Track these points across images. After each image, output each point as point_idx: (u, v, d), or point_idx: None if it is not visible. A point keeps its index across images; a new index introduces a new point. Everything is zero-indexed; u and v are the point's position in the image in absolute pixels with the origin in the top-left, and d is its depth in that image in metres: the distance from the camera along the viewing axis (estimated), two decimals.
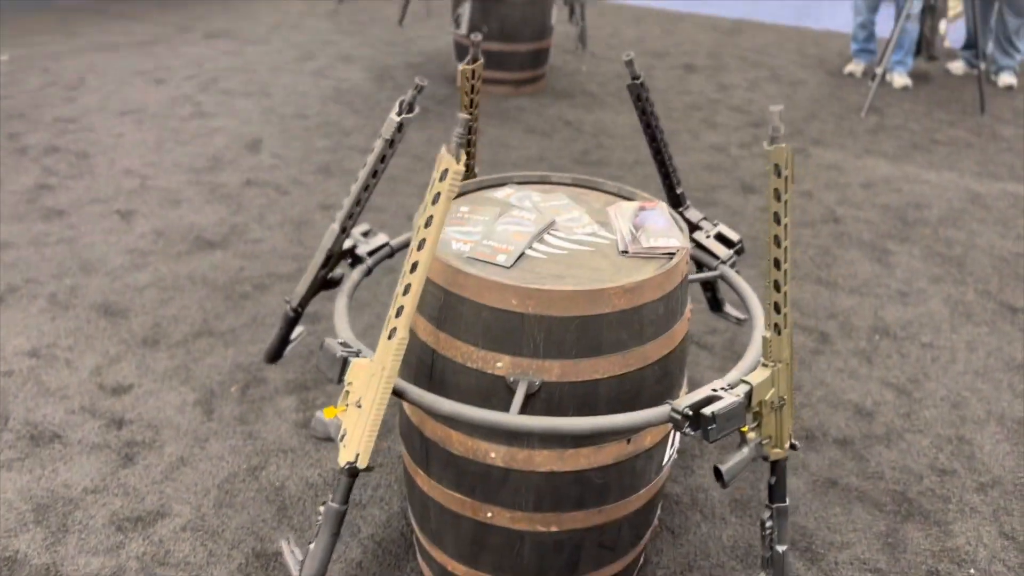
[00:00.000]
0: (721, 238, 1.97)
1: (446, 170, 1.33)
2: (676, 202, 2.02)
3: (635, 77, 1.82)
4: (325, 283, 1.85)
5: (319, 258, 1.79)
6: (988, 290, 3.27)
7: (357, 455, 1.44)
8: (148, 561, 1.98)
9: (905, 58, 5.60)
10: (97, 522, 2.08)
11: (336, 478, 1.49)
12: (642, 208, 1.79)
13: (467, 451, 1.64)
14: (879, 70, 5.20)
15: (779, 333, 1.45)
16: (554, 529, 1.70)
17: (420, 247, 1.37)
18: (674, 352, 1.66)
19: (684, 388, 1.81)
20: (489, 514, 1.69)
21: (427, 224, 1.36)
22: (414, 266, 1.37)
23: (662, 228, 1.70)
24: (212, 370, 2.62)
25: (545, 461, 1.61)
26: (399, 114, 1.60)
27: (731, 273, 1.92)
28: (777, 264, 1.40)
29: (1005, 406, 2.63)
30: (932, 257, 3.50)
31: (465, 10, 4.71)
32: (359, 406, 1.43)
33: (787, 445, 1.54)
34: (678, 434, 1.79)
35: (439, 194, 1.34)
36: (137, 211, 3.57)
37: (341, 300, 1.74)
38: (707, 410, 1.39)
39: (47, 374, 2.56)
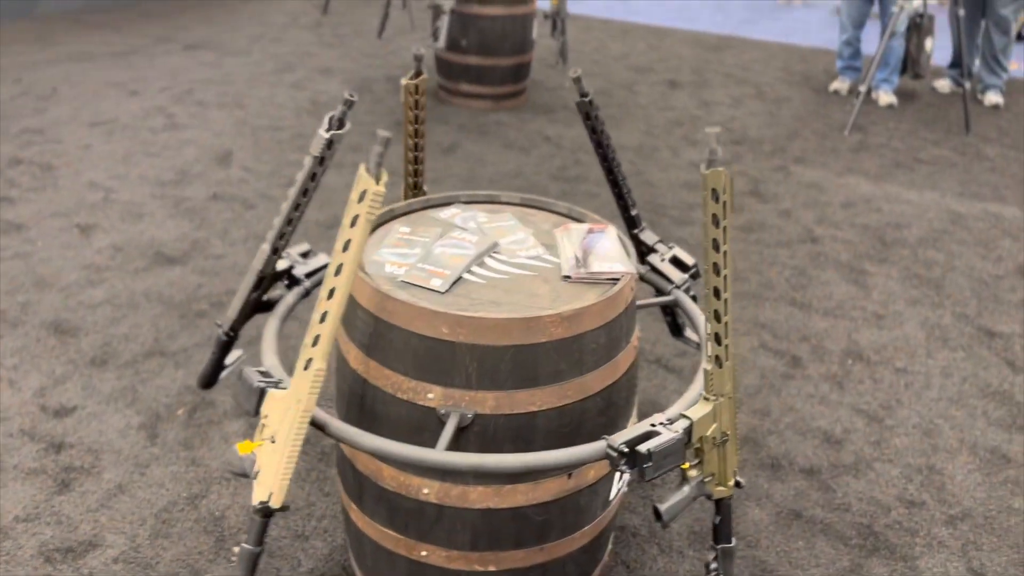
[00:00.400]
0: (676, 262, 1.89)
1: (364, 191, 1.26)
2: (631, 224, 1.94)
3: (583, 95, 1.74)
4: (259, 306, 1.77)
5: (250, 279, 1.71)
6: (966, 313, 3.20)
7: (271, 494, 1.35)
8: None
9: (891, 76, 5.55)
10: (25, 553, 1.98)
11: (250, 518, 1.40)
12: (590, 231, 1.71)
13: (399, 487, 1.56)
14: (863, 88, 5.15)
15: (720, 365, 1.37)
16: (492, 569, 1.61)
17: (338, 272, 1.29)
18: (619, 382, 1.58)
19: (633, 419, 1.73)
20: (424, 552, 1.61)
21: (345, 248, 1.28)
22: (331, 292, 1.29)
23: (608, 252, 1.63)
24: (160, 392, 2.54)
25: (480, 498, 1.53)
26: (328, 130, 1.52)
27: (684, 298, 1.85)
28: (717, 293, 1.32)
29: (978, 434, 2.55)
30: (910, 279, 3.43)
31: (443, 23, 4.65)
32: (273, 441, 1.34)
33: (731, 483, 1.46)
34: None
35: (357, 216, 1.26)
36: (98, 225, 3.48)
37: (271, 325, 1.66)
38: (643, 447, 1.31)
39: None
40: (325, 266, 1.83)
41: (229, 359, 1.89)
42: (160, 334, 2.81)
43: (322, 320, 1.29)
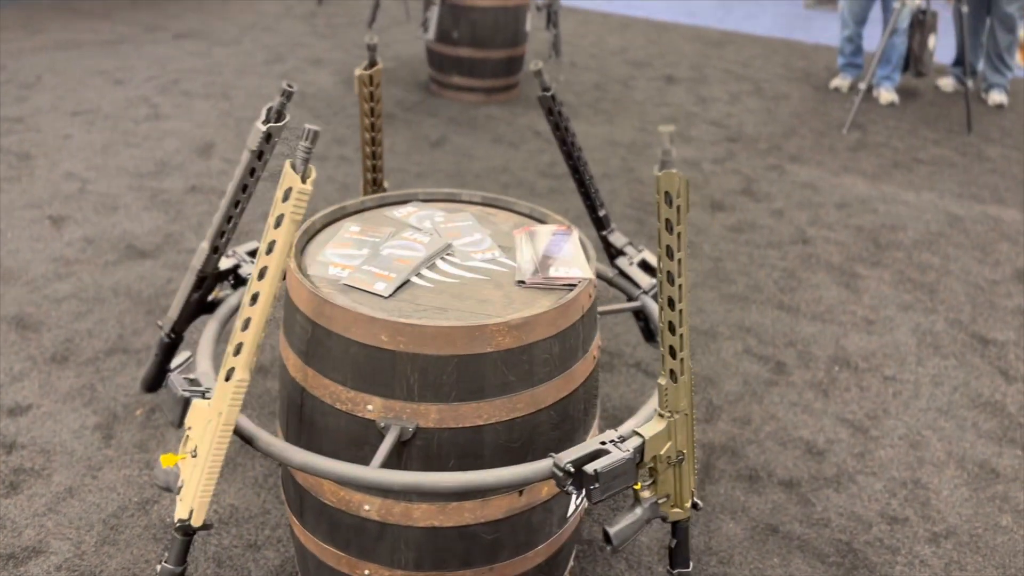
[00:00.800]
0: (645, 265, 1.80)
1: (289, 189, 1.17)
2: (599, 225, 1.85)
3: (545, 88, 1.65)
4: (203, 307, 1.68)
5: (190, 279, 1.62)
6: (960, 319, 3.10)
7: (191, 512, 1.27)
8: None
9: (892, 73, 5.43)
10: None
11: (170, 537, 1.31)
12: (550, 233, 1.62)
13: (339, 502, 1.47)
14: (863, 85, 5.03)
15: (675, 380, 1.28)
16: None
17: (261, 276, 1.20)
18: (575, 395, 1.49)
19: (594, 431, 1.64)
20: (366, 572, 1.52)
21: (269, 250, 1.19)
22: (254, 298, 1.20)
23: (567, 257, 1.53)
24: (119, 391, 2.45)
25: (424, 515, 1.44)
26: (265, 122, 1.43)
27: (651, 304, 1.75)
28: (671, 304, 1.22)
29: (967, 447, 2.45)
30: (903, 283, 3.33)
31: (433, 14, 4.55)
32: (195, 455, 1.25)
33: (688, 504, 1.37)
34: None
35: (282, 216, 1.17)
36: (70, 217, 3.40)
37: (210, 328, 1.57)
38: (590, 467, 1.22)
39: None
40: None
41: (176, 361, 1.80)
42: (125, 330, 2.72)
43: (244, 328, 1.20)
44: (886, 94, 5.45)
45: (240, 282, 1.71)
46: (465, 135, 4.51)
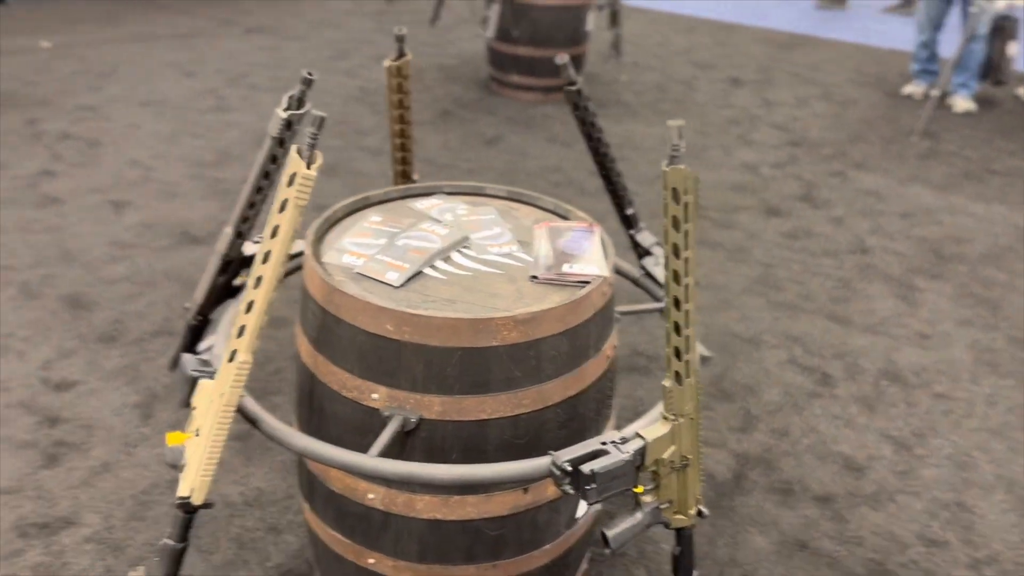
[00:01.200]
0: None
1: (294, 174, 1.17)
2: (627, 223, 1.81)
3: (571, 83, 1.63)
4: (228, 291, 1.71)
5: (215, 263, 1.65)
6: (1022, 338, 2.95)
7: (193, 490, 1.29)
8: (42, 572, 1.87)
9: (969, 81, 5.22)
10: (2, 525, 1.98)
11: (174, 513, 1.34)
12: (571, 229, 1.59)
13: (346, 489, 1.48)
14: (936, 92, 4.84)
15: (680, 383, 1.24)
16: None
17: (265, 260, 1.21)
18: (585, 394, 1.46)
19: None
20: (371, 560, 1.52)
21: (273, 234, 1.20)
22: (258, 281, 1.21)
23: (583, 254, 1.51)
24: (161, 372, 2.52)
25: (427, 507, 1.44)
26: (286, 109, 1.45)
27: None
28: (677, 304, 1.19)
29: (1018, 471, 2.33)
30: (964, 297, 3.19)
31: (493, 13, 4.56)
32: (198, 434, 1.27)
33: (693, 511, 1.33)
34: None
35: (286, 201, 1.18)
36: (131, 203, 3.52)
37: (231, 311, 1.59)
38: (587, 467, 1.20)
39: None
40: (301, 253, 1.76)
41: (203, 345, 1.84)
42: (172, 313, 2.80)
43: (248, 310, 1.22)
44: (962, 102, 5.24)
45: None
46: (520, 133, 4.50)
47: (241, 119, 4.46)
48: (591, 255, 1.51)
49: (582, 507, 1.59)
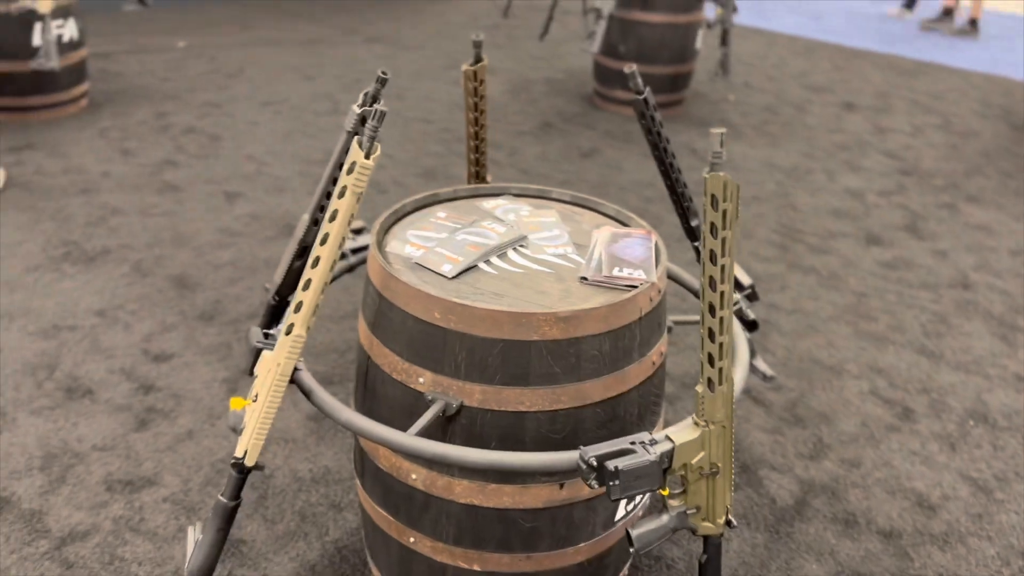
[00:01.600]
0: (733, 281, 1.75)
1: (353, 163, 1.26)
2: (692, 235, 1.82)
3: (638, 92, 1.66)
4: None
5: (292, 248, 1.76)
6: None
7: (246, 451, 1.38)
8: (122, 525, 2.02)
9: None
10: (93, 479, 2.15)
11: (228, 473, 1.44)
12: (627, 235, 1.62)
13: (391, 468, 1.55)
14: None
15: (712, 390, 1.25)
16: (477, 568, 1.56)
17: (323, 242, 1.30)
18: (627, 396, 1.49)
19: None
20: (411, 539, 1.59)
21: (331, 219, 1.28)
22: (316, 261, 1.30)
23: (635, 259, 1.54)
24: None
25: (465, 492, 1.49)
26: (361, 106, 1.54)
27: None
28: (712, 310, 1.21)
29: None
30: None
31: (600, 28, 4.60)
32: (255, 401, 1.37)
33: (722, 520, 1.33)
34: None
35: (345, 187, 1.27)
36: (243, 194, 3.74)
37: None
38: (611, 463, 1.22)
39: (104, 334, 2.71)
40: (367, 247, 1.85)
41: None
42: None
43: (305, 288, 1.31)
44: None
45: (341, 256, 1.83)
46: (618, 148, 4.53)
47: None
48: (642, 261, 1.53)
49: (621, 510, 1.60)
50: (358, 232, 1.86)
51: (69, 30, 4.22)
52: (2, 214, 3.39)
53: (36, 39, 4.05)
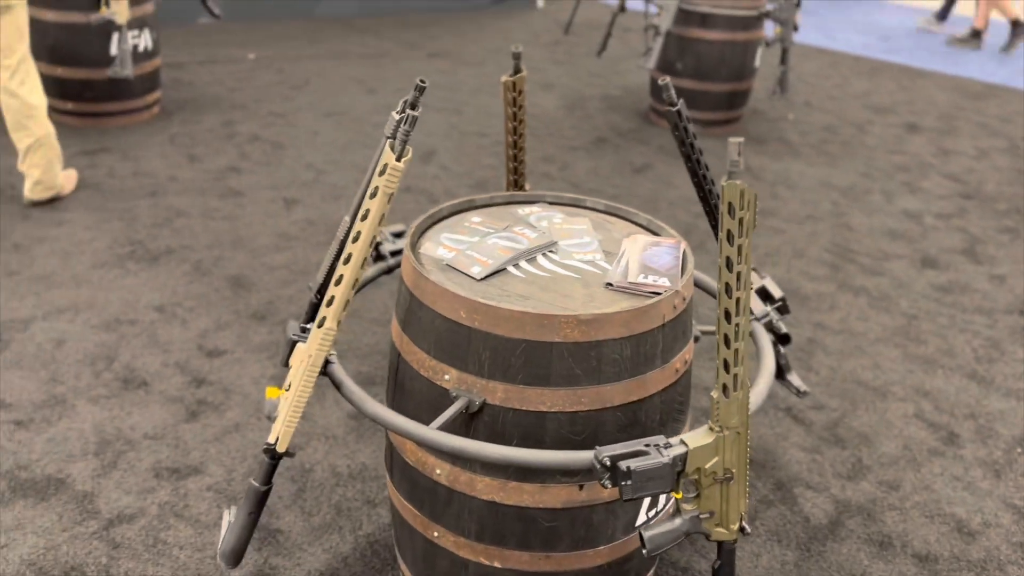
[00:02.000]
0: (764, 293, 1.76)
1: (385, 165, 1.32)
2: None
3: (671, 103, 1.69)
4: None
5: (334, 248, 1.82)
6: None
7: (278, 438, 1.45)
8: (166, 510, 2.12)
9: None
10: (143, 465, 2.26)
11: (260, 458, 1.51)
12: (657, 244, 1.65)
13: (418, 463, 1.60)
14: None
15: (727, 395, 1.27)
16: (497, 565, 1.60)
17: (355, 240, 1.36)
18: (648, 401, 1.51)
19: None
20: (435, 533, 1.63)
21: (363, 218, 1.34)
22: (347, 258, 1.36)
23: (662, 266, 1.56)
24: None
25: (486, 489, 1.53)
26: (400, 112, 1.60)
27: (758, 330, 1.72)
28: (728, 316, 1.23)
29: None
30: None
31: (657, 45, 4.63)
32: (287, 390, 1.44)
33: (735, 527, 1.34)
34: (662, 496, 1.62)
35: (376, 188, 1.33)
36: (301, 200, 3.86)
37: None
38: (624, 464, 1.25)
39: (162, 328, 2.84)
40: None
41: None
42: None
43: (337, 283, 1.37)
44: None
45: (379, 258, 1.90)
46: (670, 164, 4.53)
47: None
48: (668, 269, 1.56)
49: (642, 516, 1.62)
50: (399, 235, 1.93)
51: (144, 40, 4.43)
52: (74, 213, 3.57)
53: (113, 48, 4.26)
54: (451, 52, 6.53)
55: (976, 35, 7.62)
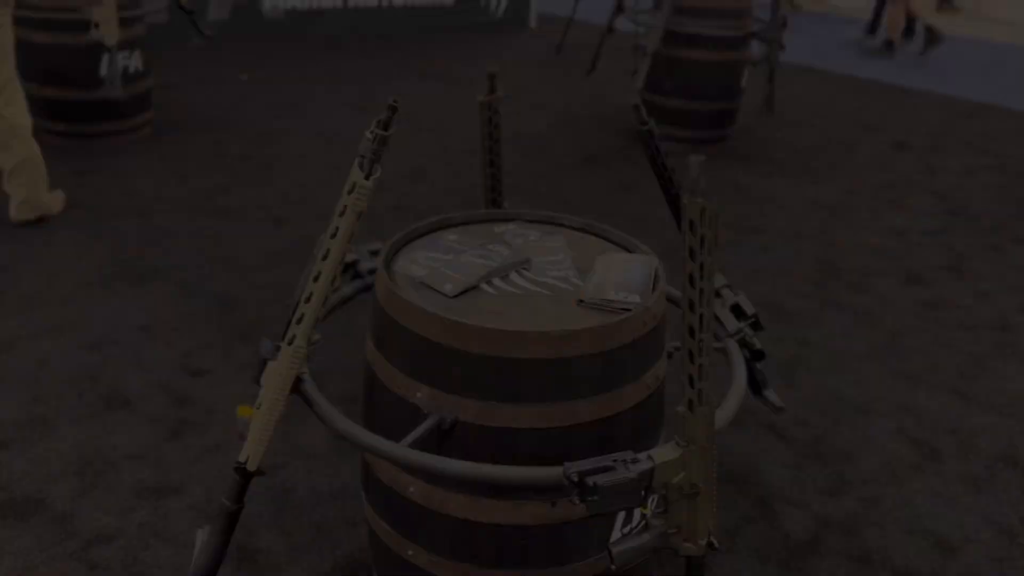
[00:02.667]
0: (737, 309, 1.77)
1: (354, 183, 1.33)
2: None
3: (643, 123, 1.70)
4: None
5: (310, 266, 1.84)
6: None
7: (248, 457, 1.45)
8: (146, 530, 2.11)
9: None
10: (123, 485, 2.25)
11: (231, 477, 1.51)
12: (630, 260, 1.66)
13: (391, 481, 1.60)
14: None
15: (692, 411, 1.28)
16: None
17: (324, 257, 1.37)
18: (619, 418, 1.51)
19: None
20: (410, 552, 1.63)
21: (332, 236, 1.36)
22: (316, 276, 1.37)
23: (634, 283, 1.57)
24: None
25: (460, 507, 1.53)
26: (372, 131, 1.61)
27: (733, 348, 1.73)
28: (692, 332, 1.24)
29: None
30: None
31: (644, 64, 4.67)
32: (259, 408, 1.44)
33: (703, 542, 1.35)
34: (636, 511, 1.62)
35: (345, 207, 1.34)
36: (290, 219, 3.88)
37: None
38: (591, 479, 1.26)
39: (146, 349, 2.84)
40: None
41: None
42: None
43: (307, 301, 1.38)
44: None
45: (358, 275, 1.91)
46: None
47: (399, 153, 4.79)
48: (639, 285, 1.57)
49: (616, 533, 1.62)
50: (375, 253, 1.94)
51: (134, 62, 4.46)
52: (61, 233, 3.58)
53: (103, 69, 4.29)
54: (444, 72, 6.58)
55: (889, 45, 7.97)
